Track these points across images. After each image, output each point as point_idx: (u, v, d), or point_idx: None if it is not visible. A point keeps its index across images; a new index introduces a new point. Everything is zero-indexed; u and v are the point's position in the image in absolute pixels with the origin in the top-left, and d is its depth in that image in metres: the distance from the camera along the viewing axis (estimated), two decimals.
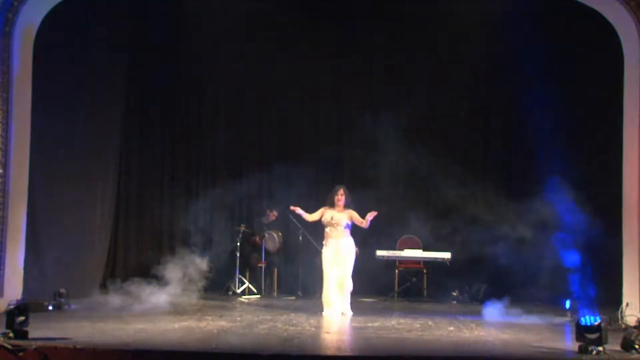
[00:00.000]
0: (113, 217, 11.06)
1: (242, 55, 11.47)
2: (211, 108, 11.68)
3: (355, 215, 8.57)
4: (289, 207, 8.92)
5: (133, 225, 11.49)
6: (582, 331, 6.00)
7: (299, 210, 8.70)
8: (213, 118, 11.69)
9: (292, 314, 8.48)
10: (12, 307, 6.23)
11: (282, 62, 11.49)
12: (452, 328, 7.55)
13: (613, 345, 6.08)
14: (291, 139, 11.55)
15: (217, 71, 11.49)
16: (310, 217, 8.76)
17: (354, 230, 8.75)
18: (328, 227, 8.60)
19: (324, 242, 8.66)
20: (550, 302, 9.45)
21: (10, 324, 6.13)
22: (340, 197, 8.60)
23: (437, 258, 10.35)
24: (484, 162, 11.40)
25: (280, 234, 10.89)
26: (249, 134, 11.68)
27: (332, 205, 8.63)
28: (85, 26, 9.78)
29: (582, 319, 6.07)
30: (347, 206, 8.63)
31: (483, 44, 11.10)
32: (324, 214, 8.64)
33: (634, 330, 6.24)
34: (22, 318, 6.19)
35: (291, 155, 11.23)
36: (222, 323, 7.59)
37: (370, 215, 8.40)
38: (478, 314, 8.64)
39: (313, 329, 7.37)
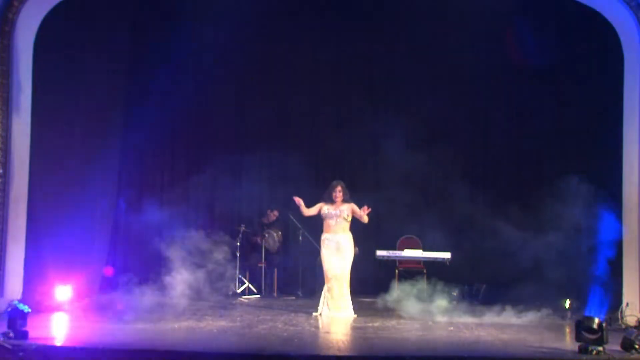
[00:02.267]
0: (113, 216, 11.07)
1: (243, 55, 11.47)
2: (211, 108, 11.68)
3: (355, 208, 8.60)
4: (288, 207, 8.91)
5: (133, 225, 11.47)
6: (582, 331, 6.00)
7: (299, 201, 8.65)
8: (213, 117, 11.68)
9: (292, 314, 8.48)
10: (12, 307, 6.23)
11: (283, 60, 11.49)
12: (452, 328, 7.55)
13: (613, 345, 6.08)
14: (292, 139, 11.54)
15: (218, 72, 11.48)
16: (307, 212, 8.72)
17: (354, 229, 8.75)
18: (328, 220, 8.60)
19: (322, 237, 8.63)
20: (550, 302, 9.45)
21: (10, 324, 6.13)
22: (338, 193, 8.60)
23: (437, 258, 10.33)
24: (484, 162, 11.39)
25: (280, 233, 10.89)
26: (249, 134, 11.67)
27: (330, 201, 8.64)
28: (86, 26, 9.77)
29: (582, 318, 6.07)
30: (345, 201, 8.63)
31: (482, 44, 11.10)
32: (322, 208, 8.64)
33: (634, 330, 6.24)
34: (22, 318, 6.19)
35: (291, 155, 11.22)
36: (222, 323, 7.59)
37: (365, 210, 8.45)
38: (478, 314, 8.63)
39: (313, 329, 7.38)
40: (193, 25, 10.96)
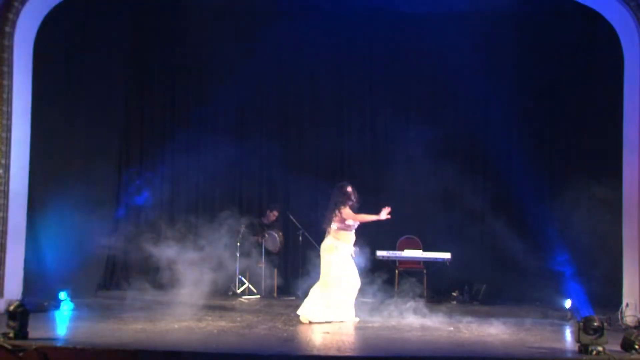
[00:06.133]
0: (113, 216, 11.07)
1: (243, 54, 11.47)
2: (211, 109, 11.67)
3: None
4: (288, 207, 8.78)
5: (133, 225, 11.47)
6: (582, 331, 6.00)
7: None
8: (213, 119, 11.68)
9: (292, 314, 8.47)
10: (12, 307, 6.23)
11: (283, 60, 11.49)
12: (452, 328, 7.56)
13: (613, 345, 6.08)
14: (292, 140, 11.54)
15: (218, 72, 11.48)
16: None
17: (356, 229, 8.67)
18: (350, 231, 8.08)
19: (343, 245, 8.01)
20: (550, 302, 9.45)
21: (10, 324, 6.13)
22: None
23: (437, 258, 10.34)
24: (484, 162, 11.38)
25: (281, 233, 10.89)
26: (249, 134, 11.67)
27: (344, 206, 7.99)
28: (85, 26, 9.80)
29: (582, 318, 6.07)
30: None
31: (481, 45, 11.09)
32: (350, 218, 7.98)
33: (634, 330, 6.24)
34: (22, 318, 6.19)
35: (291, 155, 11.24)
36: (222, 323, 7.59)
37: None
38: (478, 314, 8.64)
39: (313, 329, 7.37)
40: (193, 25, 10.95)
